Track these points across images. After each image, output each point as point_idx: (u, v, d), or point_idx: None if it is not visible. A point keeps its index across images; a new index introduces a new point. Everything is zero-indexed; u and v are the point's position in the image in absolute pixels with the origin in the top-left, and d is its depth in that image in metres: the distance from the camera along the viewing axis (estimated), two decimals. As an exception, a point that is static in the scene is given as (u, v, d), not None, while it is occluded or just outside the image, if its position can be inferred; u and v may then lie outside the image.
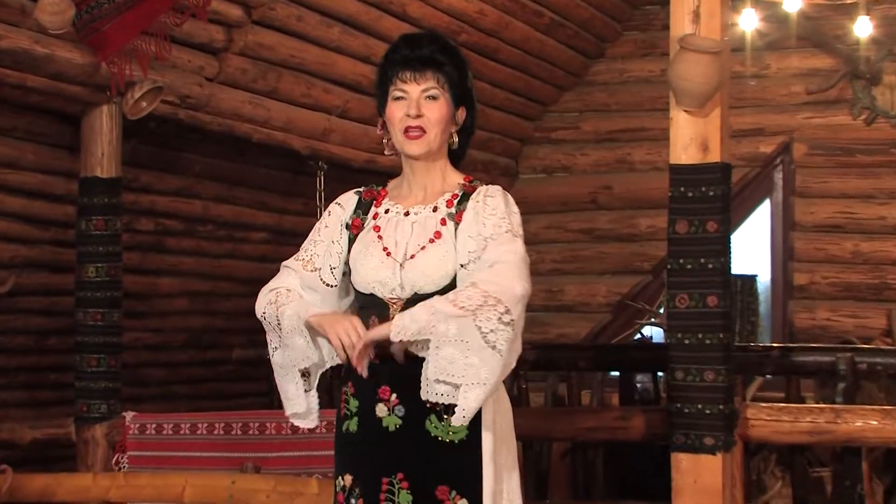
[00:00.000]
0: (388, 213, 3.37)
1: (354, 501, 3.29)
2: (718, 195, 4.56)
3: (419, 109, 3.31)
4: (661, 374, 6.63)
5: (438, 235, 3.28)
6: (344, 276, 3.41)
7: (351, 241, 3.39)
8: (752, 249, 9.10)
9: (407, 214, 3.34)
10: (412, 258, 3.26)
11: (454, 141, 3.39)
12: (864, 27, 8.30)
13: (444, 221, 3.30)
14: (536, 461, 6.23)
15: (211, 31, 6.21)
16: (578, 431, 5.41)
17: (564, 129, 9.59)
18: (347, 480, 3.32)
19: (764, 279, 9.03)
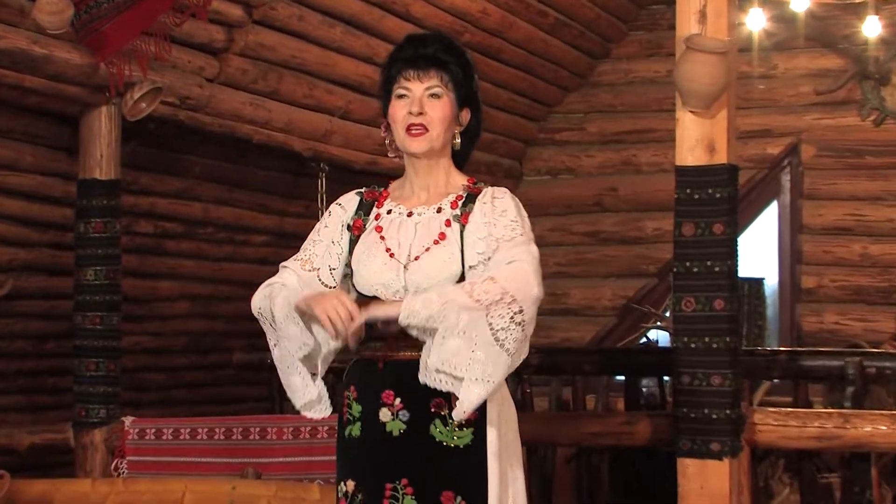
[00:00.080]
0: (390, 214, 3.37)
1: (357, 507, 3.30)
2: (725, 197, 4.55)
3: (422, 107, 3.31)
4: (666, 378, 6.62)
5: (443, 237, 3.27)
6: (345, 277, 3.41)
7: (352, 242, 3.38)
8: (759, 252, 9.10)
9: (410, 215, 3.34)
10: (416, 260, 3.25)
11: (457, 142, 3.39)
12: (872, 27, 8.30)
13: (448, 223, 3.29)
14: (541, 466, 6.23)
15: (211, 31, 6.21)
16: (583, 436, 5.41)
17: (569, 130, 9.60)
18: (350, 486, 3.31)
19: (771, 282, 9.03)
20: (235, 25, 6.32)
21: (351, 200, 3.46)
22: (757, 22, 8.21)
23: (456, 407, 3.14)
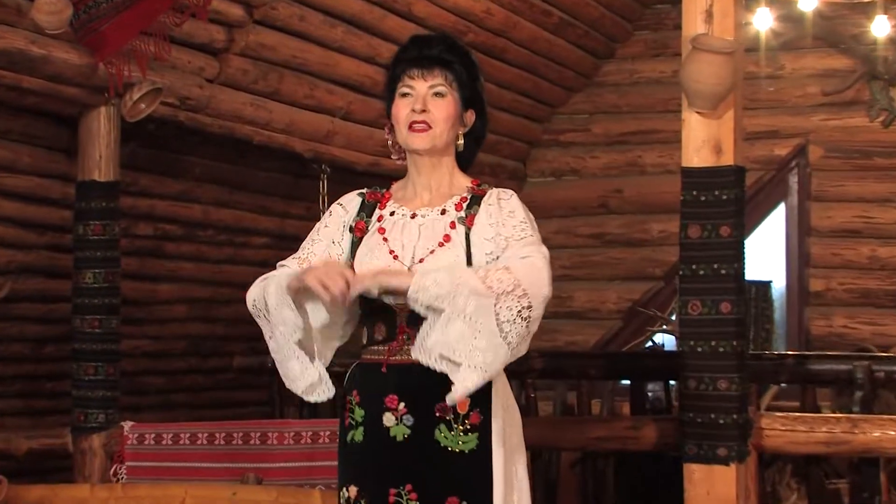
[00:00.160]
0: (393, 215, 3.37)
1: (360, 513, 3.30)
2: (732, 199, 4.56)
3: (425, 105, 3.32)
4: (673, 382, 6.62)
5: (448, 239, 3.28)
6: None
7: (354, 244, 3.38)
8: (766, 255, 9.10)
9: (413, 217, 3.34)
10: (421, 262, 3.26)
11: (461, 143, 3.40)
12: (881, 26, 8.30)
13: (453, 225, 3.30)
14: (545, 471, 6.23)
15: (211, 31, 6.22)
16: (588, 441, 5.41)
17: (574, 131, 9.60)
18: (352, 492, 3.31)
19: (779, 285, 9.03)
20: (236, 25, 6.32)
21: (352, 201, 3.46)
22: (764, 21, 8.21)
23: (450, 392, 3.12)
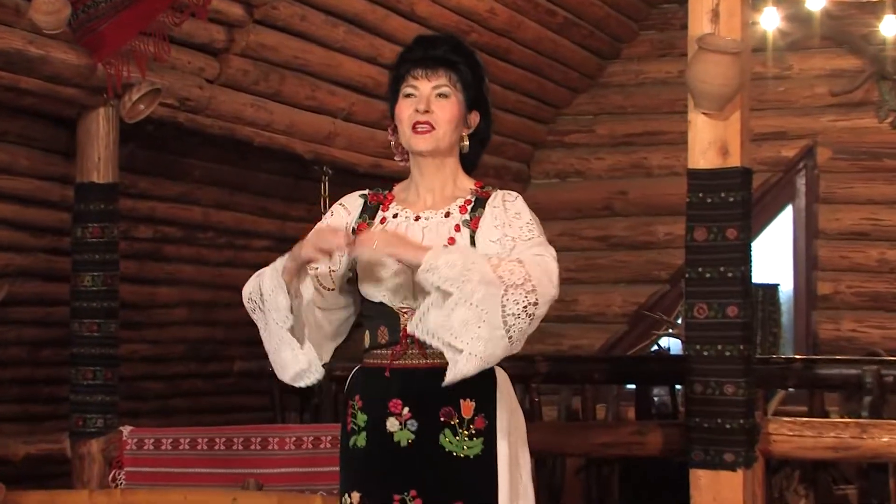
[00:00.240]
0: (396, 217, 3.37)
1: (362, 519, 3.30)
2: (739, 201, 4.56)
3: (428, 105, 3.32)
4: (679, 387, 6.63)
5: (452, 242, 3.27)
6: (349, 282, 3.41)
7: (357, 247, 3.38)
8: (773, 257, 9.10)
9: (417, 219, 3.34)
10: (425, 265, 3.26)
11: (465, 144, 3.40)
12: (890, 26, 8.30)
13: (458, 228, 3.30)
14: (550, 477, 6.23)
15: (211, 30, 6.22)
16: (593, 447, 5.41)
17: (578, 132, 9.60)
18: (355, 498, 3.31)
19: (786, 288, 9.03)
20: (236, 25, 6.33)
21: (355, 203, 3.46)
22: (771, 21, 8.21)
23: (450, 370, 3.13)
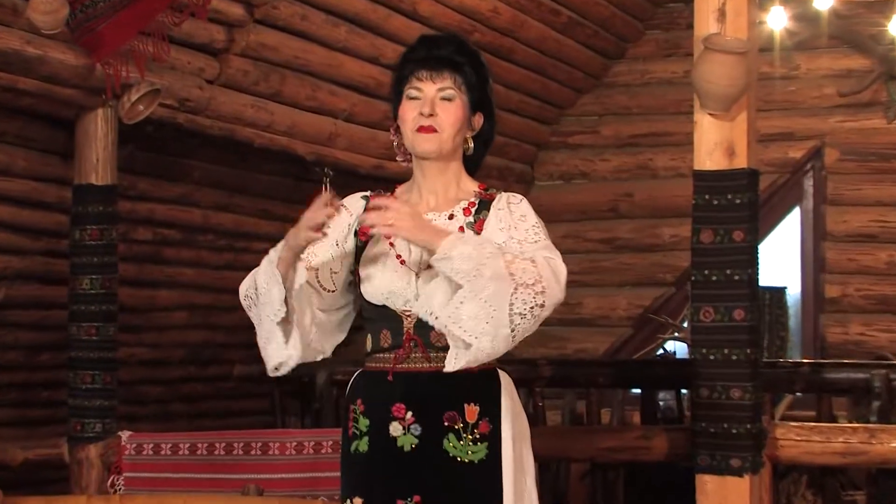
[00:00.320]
0: (399, 219, 3.37)
1: (365, 524, 3.30)
2: (745, 203, 4.56)
3: (433, 108, 3.32)
4: (684, 391, 6.63)
5: (457, 244, 3.27)
6: (350, 284, 3.41)
7: (359, 249, 3.39)
8: (781, 260, 9.10)
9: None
10: (429, 268, 3.25)
11: (469, 147, 3.40)
12: (899, 26, 8.30)
13: (462, 230, 3.30)
14: (554, 483, 6.24)
15: (211, 30, 6.23)
16: (598, 452, 5.41)
17: (583, 133, 9.60)
18: (357, 503, 3.32)
19: (794, 291, 9.03)
20: (236, 25, 6.33)
21: (356, 204, 3.46)
22: (778, 20, 8.21)
23: (448, 360, 3.16)
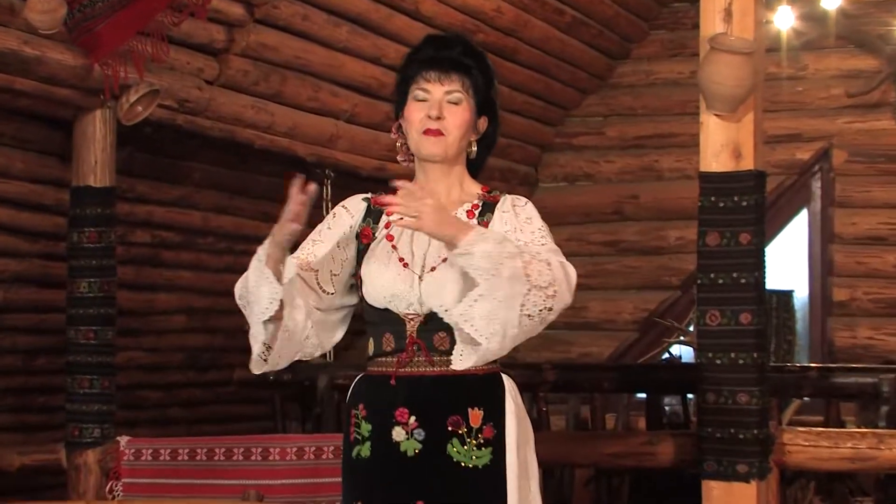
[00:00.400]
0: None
1: (367, 531, 3.30)
2: (752, 205, 4.56)
3: (441, 111, 3.32)
4: (690, 396, 6.62)
5: (461, 247, 3.27)
6: (352, 288, 3.40)
7: (360, 251, 3.38)
8: (788, 263, 9.09)
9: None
10: (433, 270, 3.25)
11: (473, 150, 3.40)
12: (908, 25, 8.30)
13: (471, 232, 3.30)
14: (558, 489, 6.23)
15: (211, 30, 6.23)
16: (602, 457, 5.40)
17: (587, 134, 9.60)
18: (359, 509, 3.32)
19: (801, 295, 9.02)
20: (236, 25, 6.33)
21: (358, 206, 3.45)
22: (785, 20, 8.21)
23: (456, 355, 3.18)
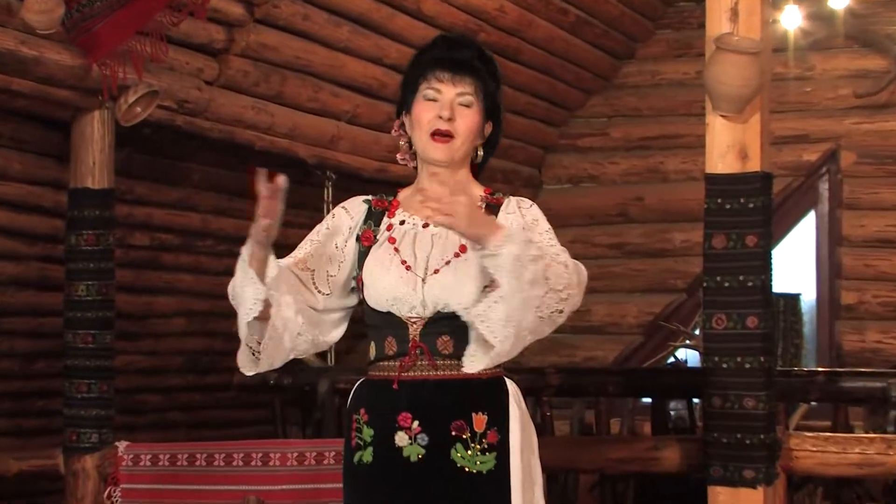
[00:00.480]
0: (403, 224, 3.37)
1: (369, 537, 3.30)
2: (759, 207, 4.56)
3: (452, 113, 3.32)
4: (696, 400, 6.62)
5: (464, 249, 3.27)
6: (352, 291, 3.40)
7: (361, 254, 3.38)
8: (795, 266, 9.09)
9: (426, 226, 3.34)
10: (436, 273, 3.26)
11: (480, 155, 3.41)
12: (916, 25, 8.30)
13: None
14: (562, 494, 6.23)
15: (210, 30, 6.24)
16: (607, 462, 5.40)
17: (592, 135, 9.60)
18: (361, 515, 3.32)
19: (809, 298, 9.02)
20: (236, 25, 6.34)
21: (358, 207, 3.46)
22: (792, 20, 8.22)
23: (468, 357, 3.19)
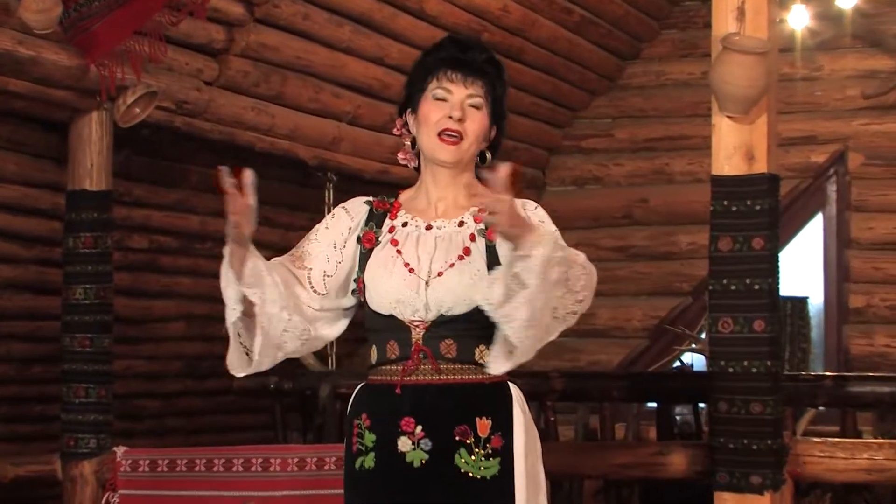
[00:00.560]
0: (406, 226, 3.37)
1: (372, 543, 3.30)
2: (765, 209, 4.56)
3: (463, 114, 3.33)
4: (702, 405, 6.62)
5: (468, 252, 3.28)
6: (353, 293, 3.40)
7: (363, 256, 3.38)
8: (802, 269, 9.09)
9: (429, 228, 3.34)
10: (439, 276, 3.26)
11: (489, 159, 3.42)
12: (925, 25, 8.30)
13: (472, 237, 3.30)
14: (566, 500, 6.22)
15: (210, 30, 6.24)
16: (612, 468, 5.40)
17: (596, 136, 9.60)
18: (362, 521, 3.32)
19: (816, 301, 9.01)
20: (236, 24, 6.34)
21: (359, 209, 3.45)
22: (800, 19, 8.21)
23: (491, 356, 3.18)
